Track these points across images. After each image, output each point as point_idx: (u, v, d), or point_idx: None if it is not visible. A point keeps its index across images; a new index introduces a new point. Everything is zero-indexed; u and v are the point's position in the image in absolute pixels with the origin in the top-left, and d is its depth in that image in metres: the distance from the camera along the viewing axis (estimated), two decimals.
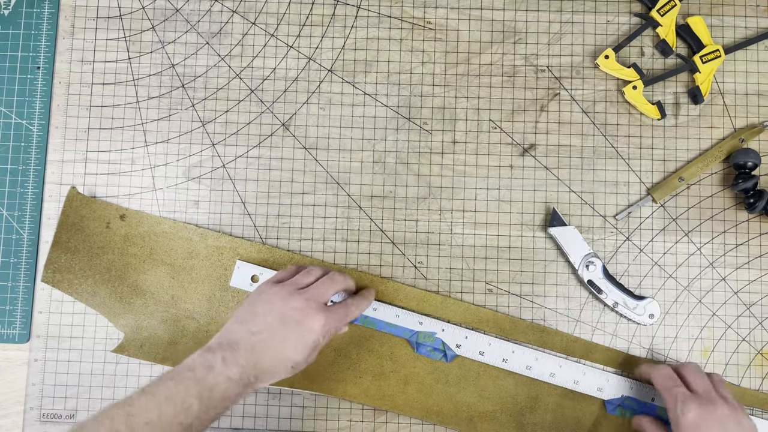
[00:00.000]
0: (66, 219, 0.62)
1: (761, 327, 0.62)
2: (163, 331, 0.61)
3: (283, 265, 0.62)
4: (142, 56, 0.65)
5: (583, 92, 0.65)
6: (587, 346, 0.62)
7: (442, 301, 0.62)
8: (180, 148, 0.64)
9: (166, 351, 0.61)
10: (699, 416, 0.52)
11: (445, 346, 0.61)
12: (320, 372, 0.61)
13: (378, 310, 0.61)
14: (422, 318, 0.61)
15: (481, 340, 0.61)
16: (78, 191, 0.63)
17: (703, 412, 0.52)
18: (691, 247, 0.63)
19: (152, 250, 0.62)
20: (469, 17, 0.65)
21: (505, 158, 0.64)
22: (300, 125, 0.65)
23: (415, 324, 0.61)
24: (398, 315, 0.61)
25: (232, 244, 0.62)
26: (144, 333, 0.61)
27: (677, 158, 0.64)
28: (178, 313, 0.61)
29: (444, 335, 0.61)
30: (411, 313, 0.61)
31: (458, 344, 0.61)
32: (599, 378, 0.60)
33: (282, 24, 0.66)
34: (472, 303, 0.62)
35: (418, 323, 0.61)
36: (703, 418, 0.52)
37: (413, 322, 0.61)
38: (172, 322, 0.61)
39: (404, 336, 0.61)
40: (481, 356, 0.61)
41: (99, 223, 0.62)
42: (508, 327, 0.62)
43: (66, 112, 0.65)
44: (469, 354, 0.61)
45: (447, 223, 0.64)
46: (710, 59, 0.63)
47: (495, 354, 0.61)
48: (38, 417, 0.62)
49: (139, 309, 0.61)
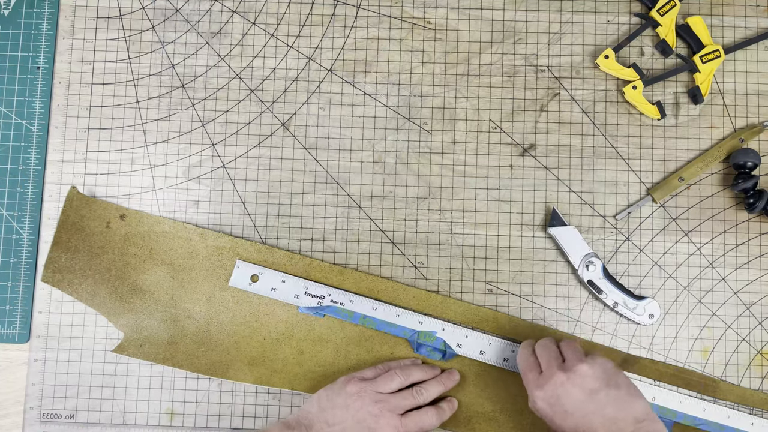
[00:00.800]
0: (66, 219, 0.62)
1: (761, 327, 0.62)
2: (163, 330, 0.61)
3: (282, 265, 0.62)
4: (142, 56, 0.65)
5: (583, 92, 0.65)
6: (587, 346, 0.62)
7: (442, 301, 0.62)
8: (180, 148, 0.64)
9: (166, 351, 0.61)
10: (543, 400, 0.52)
11: (446, 346, 0.61)
12: (320, 372, 0.61)
13: (378, 310, 0.61)
14: (422, 318, 0.61)
15: (482, 339, 0.61)
16: (78, 191, 0.63)
17: (545, 392, 0.52)
18: (691, 247, 0.63)
19: (152, 250, 0.62)
20: (469, 17, 0.65)
21: (505, 158, 0.64)
22: (300, 125, 0.65)
23: (415, 323, 0.61)
24: (398, 315, 0.61)
25: (232, 244, 0.62)
26: (144, 333, 0.61)
27: (677, 158, 0.64)
28: (177, 313, 0.61)
29: (444, 335, 0.61)
30: (411, 312, 0.61)
31: (459, 344, 0.61)
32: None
33: (282, 24, 0.66)
34: (472, 303, 0.62)
35: (419, 323, 0.61)
36: (546, 400, 0.52)
37: (413, 321, 0.61)
38: (172, 322, 0.61)
39: (404, 336, 0.61)
40: (482, 356, 0.61)
41: (99, 222, 0.62)
42: (507, 327, 0.62)
43: (66, 112, 0.65)
44: (470, 354, 0.61)
45: (447, 223, 0.64)
46: (710, 59, 0.63)
47: (495, 353, 0.61)
48: (38, 417, 0.62)
49: (138, 309, 0.61)
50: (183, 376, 0.62)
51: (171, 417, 0.62)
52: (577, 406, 0.51)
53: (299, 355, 0.61)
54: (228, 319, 0.61)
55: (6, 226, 0.64)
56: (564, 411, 0.51)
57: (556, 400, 0.52)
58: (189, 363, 0.61)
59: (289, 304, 0.61)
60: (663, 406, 0.60)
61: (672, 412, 0.60)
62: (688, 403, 0.60)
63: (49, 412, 0.62)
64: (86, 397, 0.62)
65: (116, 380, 0.62)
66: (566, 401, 0.51)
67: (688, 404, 0.60)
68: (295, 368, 0.61)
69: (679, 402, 0.60)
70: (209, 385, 0.62)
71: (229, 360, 0.61)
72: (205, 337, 0.61)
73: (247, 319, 0.61)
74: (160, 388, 0.62)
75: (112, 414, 0.62)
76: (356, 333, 0.61)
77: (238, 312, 0.62)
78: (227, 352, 0.61)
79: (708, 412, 0.60)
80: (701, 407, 0.60)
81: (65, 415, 0.62)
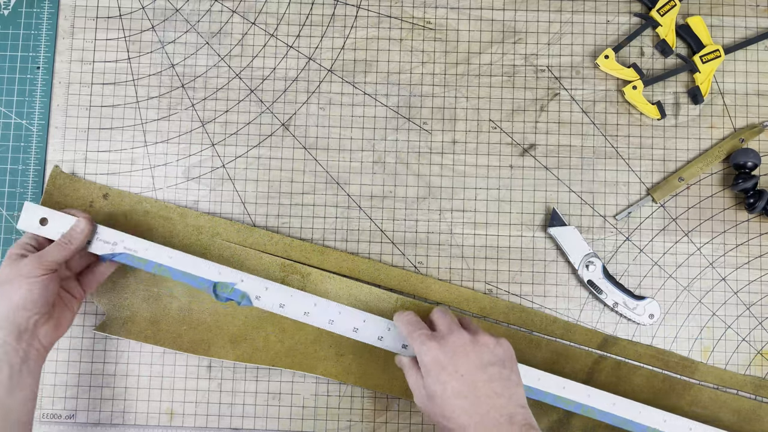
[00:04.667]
0: (49, 198, 0.63)
1: (761, 327, 0.62)
2: (145, 309, 0.62)
3: (262, 244, 0.62)
4: (142, 56, 0.65)
5: (583, 92, 0.65)
6: (567, 327, 0.62)
7: (423, 280, 0.62)
8: (180, 148, 0.64)
9: (148, 329, 0.61)
10: (438, 352, 0.51)
11: (244, 297, 0.58)
12: (301, 350, 0.61)
13: (174, 258, 0.59)
14: (221, 268, 0.59)
15: (282, 291, 0.58)
16: (61, 170, 0.63)
17: (441, 346, 0.51)
18: (691, 247, 0.63)
19: (135, 229, 0.62)
20: (469, 17, 0.65)
21: (505, 158, 0.64)
22: (300, 125, 0.65)
23: (214, 274, 0.59)
24: (196, 263, 0.59)
25: (211, 223, 0.63)
26: (126, 311, 0.62)
27: (677, 158, 0.64)
28: (159, 291, 0.62)
29: (243, 285, 0.59)
30: (208, 262, 0.59)
31: (258, 296, 0.58)
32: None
33: (282, 24, 0.66)
34: (449, 281, 0.62)
35: (217, 273, 0.59)
36: (442, 352, 0.51)
37: (212, 272, 0.59)
38: (154, 300, 0.62)
39: (202, 287, 0.59)
40: (282, 309, 0.58)
41: (82, 202, 0.63)
42: (488, 306, 0.62)
43: (66, 112, 0.65)
44: (269, 306, 0.58)
45: (447, 223, 0.64)
46: (710, 59, 0.63)
47: (296, 307, 0.58)
48: (38, 417, 0.62)
49: (121, 287, 0.62)
50: (183, 376, 0.62)
51: (171, 417, 0.62)
52: (469, 369, 0.50)
53: (281, 333, 0.61)
54: (209, 297, 0.62)
55: (6, 226, 0.64)
56: (455, 370, 0.50)
57: (451, 358, 0.51)
58: (171, 341, 0.61)
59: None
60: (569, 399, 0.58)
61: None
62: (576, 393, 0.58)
63: (49, 412, 0.62)
64: (86, 397, 0.62)
65: (116, 380, 0.62)
66: (461, 361, 0.50)
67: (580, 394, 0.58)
68: (276, 345, 0.61)
69: (587, 396, 0.58)
70: (209, 386, 0.62)
71: (211, 338, 0.61)
72: (187, 315, 0.62)
73: None
74: (160, 388, 0.62)
75: (112, 414, 0.62)
76: None
77: None
78: (209, 330, 0.61)
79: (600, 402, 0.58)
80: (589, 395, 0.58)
81: (65, 415, 0.62)
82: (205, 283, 0.59)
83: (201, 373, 0.62)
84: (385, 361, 0.61)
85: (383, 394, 0.62)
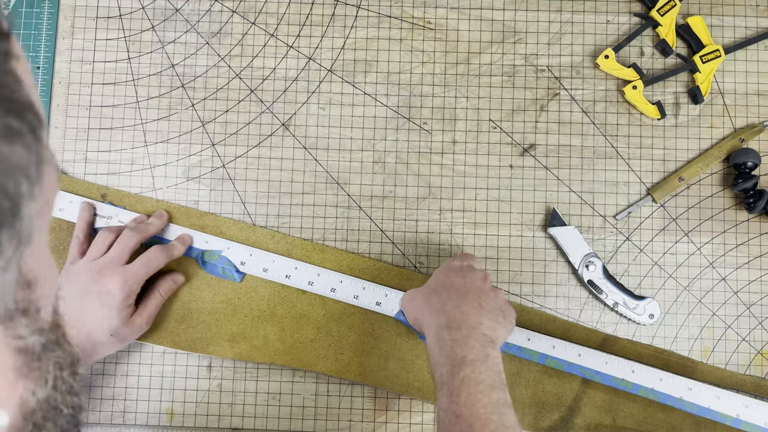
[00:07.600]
0: None
1: (761, 327, 0.62)
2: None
3: (264, 243, 0.62)
4: (142, 56, 0.65)
5: (583, 92, 0.65)
6: (566, 326, 0.62)
7: (423, 280, 0.61)
8: (180, 148, 0.64)
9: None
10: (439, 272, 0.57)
11: (230, 265, 0.61)
12: (300, 349, 0.61)
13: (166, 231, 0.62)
14: (208, 237, 0.62)
15: (265, 256, 0.61)
16: (61, 170, 0.63)
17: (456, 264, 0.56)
18: (691, 247, 0.63)
19: None
20: (469, 17, 0.65)
21: (505, 158, 0.64)
22: (300, 125, 0.65)
23: (201, 243, 0.61)
24: (186, 232, 0.62)
25: (214, 222, 0.63)
26: None
27: (677, 158, 0.64)
28: None
29: (229, 253, 0.61)
30: (199, 233, 0.62)
31: (243, 262, 0.61)
32: (378, 293, 0.61)
33: (282, 24, 0.66)
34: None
35: (205, 242, 0.61)
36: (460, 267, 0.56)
37: (199, 241, 0.62)
38: None
39: (190, 254, 0.61)
40: (265, 273, 0.61)
41: None
42: None
43: (66, 112, 0.65)
44: (253, 271, 0.61)
45: (447, 223, 0.64)
46: (710, 59, 0.63)
47: (279, 270, 0.61)
48: None
49: None
50: (183, 376, 0.62)
51: (171, 417, 0.62)
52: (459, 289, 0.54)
53: (280, 332, 0.61)
54: (209, 297, 0.62)
55: None
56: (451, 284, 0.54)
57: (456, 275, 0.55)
58: (170, 340, 0.61)
59: (272, 282, 0.61)
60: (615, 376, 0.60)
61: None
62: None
63: None
64: (86, 397, 0.62)
65: (116, 380, 0.62)
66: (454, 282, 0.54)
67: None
68: (276, 344, 0.61)
69: (604, 363, 0.60)
70: (209, 385, 0.62)
71: (210, 337, 0.61)
72: (186, 314, 0.62)
73: (229, 296, 0.62)
74: (160, 388, 0.62)
75: (112, 414, 0.62)
76: (338, 309, 0.61)
77: (220, 290, 0.62)
78: (208, 329, 0.61)
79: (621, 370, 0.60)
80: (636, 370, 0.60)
81: None
82: (194, 251, 0.61)
83: (201, 372, 0.62)
84: (385, 359, 0.61)
85: (383, 394, 0.62)
